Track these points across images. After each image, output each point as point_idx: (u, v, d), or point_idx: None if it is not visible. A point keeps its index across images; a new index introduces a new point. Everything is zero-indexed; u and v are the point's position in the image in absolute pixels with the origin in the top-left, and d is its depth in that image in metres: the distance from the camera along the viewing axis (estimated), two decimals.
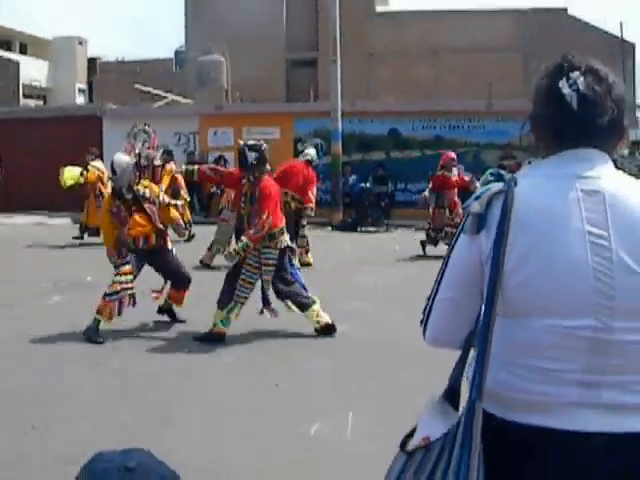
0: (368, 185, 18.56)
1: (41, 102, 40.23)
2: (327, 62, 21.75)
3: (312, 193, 11.64)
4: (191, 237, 13.96)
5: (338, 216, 18.10)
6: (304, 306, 7.42)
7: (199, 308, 7.85)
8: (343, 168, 18.84)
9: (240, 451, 4.69)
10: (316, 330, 7.41)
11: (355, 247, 14.50)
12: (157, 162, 17.96)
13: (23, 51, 43.98)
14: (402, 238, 15.80)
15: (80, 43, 44.58)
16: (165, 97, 26.45)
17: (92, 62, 44.52)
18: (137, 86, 28.15)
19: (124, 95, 30.33)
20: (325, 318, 7.45)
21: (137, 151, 18.08)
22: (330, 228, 17.58)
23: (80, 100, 42.14)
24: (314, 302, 7.45)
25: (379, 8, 33.80)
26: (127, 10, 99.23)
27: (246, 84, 28.14)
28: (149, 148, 18.09)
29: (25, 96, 38.34)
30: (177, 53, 39.90)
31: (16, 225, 18.63)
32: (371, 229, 17.40)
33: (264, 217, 7.05)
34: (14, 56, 40.33)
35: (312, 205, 11.50)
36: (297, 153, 20.50)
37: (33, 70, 40.50)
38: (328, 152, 19.39)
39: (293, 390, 5.85)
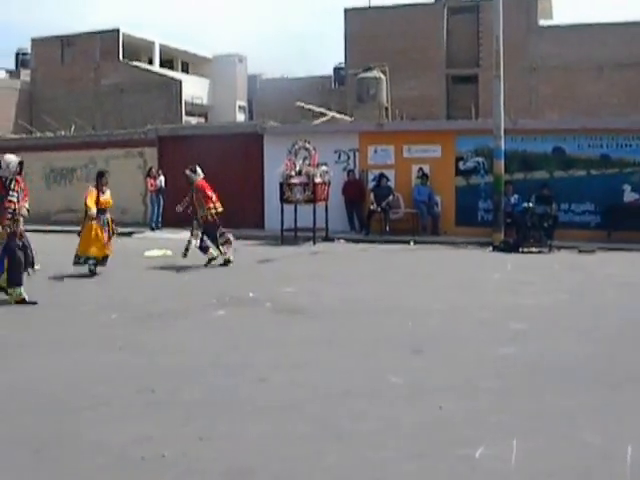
0: (531, 205, 17.88)
1: (202, 119, 41.63)
2: (488, 78, 21.26)
3: None
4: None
5: (499, 236, 17.55)
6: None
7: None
8: (505, 187, 18.26)
9: (405, 470, 4.53)
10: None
11: (517, 268, 13.97)
12: (318, 179, 18.30)
13: (185, 69, 45.81)
14: (565, 260, 15.17)
15: (240, 60, 45.85)
16: (325, 114, 26.66)
17: (252, 79, 45.62)
18: (298, 103, 28.57)
19: (283, 112, 30.91)
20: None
21: (297, 168, 18.50)
22: (491, 248, 17.07)
23: (240, 117, 43.34)
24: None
25: (542, 22, 32.84)
26: (286, 27, 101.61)
27: (406, 101, 28.02)
28: (310, 165, 18.48)
29: (187, 113, 39.82)
30: (336, 70, 40.31)
31: (183, 240, 18.98)
32: (533, 250, 16.74)
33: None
34: (177, 74, 42.06)
35: None
36: (459, 171, 20.18)
37: (195, 88, 42.00)
38: (490, 171, 18.89)
39: (458, 411, 5.64)
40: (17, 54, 45.34)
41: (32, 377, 6.55)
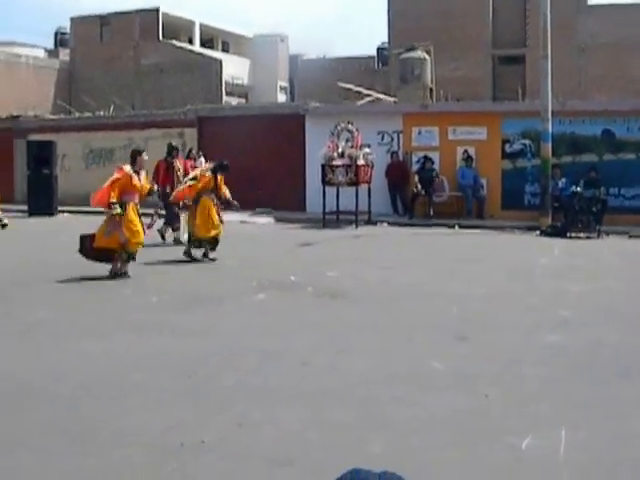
0: (579, 189, 17.48)
1: (243, 100, 41.52)
2: (536, 58, 20.82)
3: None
4: None
5: (546, 220, 17.21)
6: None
7: None
8: (552, 171, 17.88)
9: (449, 459, 4.44)
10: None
11: (564, 253, 13.67)
12: (360, 161, 18.10)
13: (225, 49, 45.61)
14: (614, 246, 14.83)
15: (281, 40, 45.53)
16: (368, 95, 26.38)
17: (293, 59, 45.32)
18: (340, 84, 28.32)
19: (325, 93, 30.69)
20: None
21: (340, 150, 18.30)
22: (538, 233, 16.74)
23: (281, 98, 43.14)
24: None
25: (591, 0, 32.09)
26: (329, 7, 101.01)
27: (451, 82, 27.62)
28: (352, 147, 18.27)
29: (227, 94, 39.70)
30: (380, 50, 39.90)
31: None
32: (581, 235, 16.38)
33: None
34: (217, 54, 41.92)
35: None
36: (505, 154, 19.82)
37: (235, 68, 41.82)
38: (537, 154, 18.53)
39: (503, 399, 5.52)
40: (56, 33, 45.61)
41: (70, 361, 6.53)
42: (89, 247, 10.84)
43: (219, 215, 12.42)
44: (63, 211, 22.09)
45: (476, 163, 19.79)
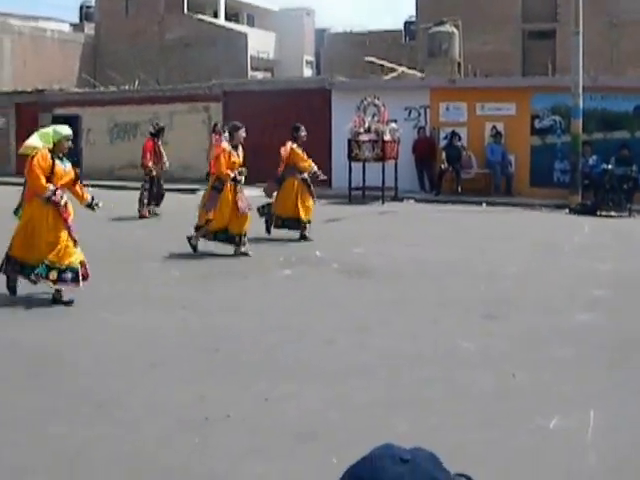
0: (610, 166, 17.15)
1: (269, 74, 41.29)
2: (567, 33, 20.41)
3: None
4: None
5: (576, 198, 16.91)
6: None
7: None
8: (583, 148, 17.56)
9: (476, 439, 4.36)
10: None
11: (594, 232, 13.43)
12: (387, 137, 17.89)
13: (250, 23, 45.28)
14: None
15: (307, 14, 45.15)
16: (395, 69, 26.07)
17: (320, 33, 44.93)
18: (367, 58, 28.01)
19: (352, 67, 30.40)
20: None
21: (366, 125, 18.09)
22: (567, 210, 16.48)
23: (307, 72, 42.85)
24: None
25: None
26: None
27: (479, 56, 27.20)
28: (379, 122, 18.05)
29: (253, 68, 39.47)
30: (407, 24, 39.43)
31: (248, 197, 18.79)
32: (612, 214, 16.09)
33: None
34: (242, 28, 41.63)
35: None
36: (534, 130, 19.49)
37: (261, 42, 41.53)
38: (567, 130, 18.18)
39: (531, 379, 5.44)
40: (81, 7, 45.54)
41: (94, 335, 6.53)
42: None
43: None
44: (87, 185, 22.13)
45: (505, 139, 19.48)
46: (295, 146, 11.81)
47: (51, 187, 7.41)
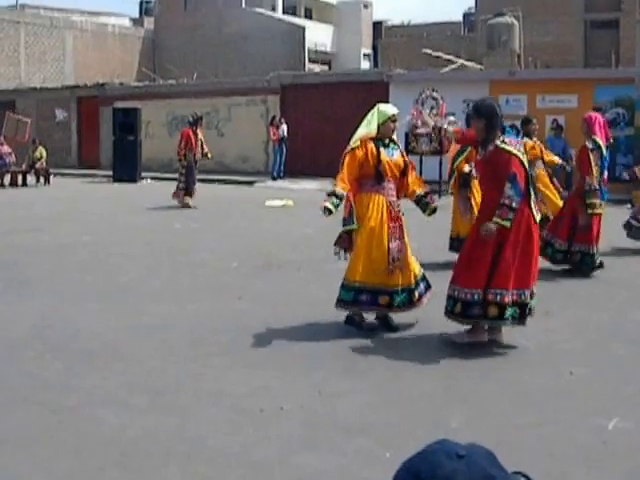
0: None
1: (326, 67, 41.29)
2: (631, 23, 19.95)
3: None
4: None
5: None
6: None
7: None
8: None
9: (530, 437, 4.28)
10: None
11: None
12: (448, 127, 17.69)
13: (308, 16, 45.29)
14: None
15: (365, 6, 45.01)
16: (453, 62, 25.82)
17: (377, 26, 44.79)
18: (425, 50, 27.81)
19: (410, 60, 30.23)
20: None
21: (424, 118, 17.90)
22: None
23: (365, 65, 42.72)
24: None
25: None
26: None
27: (540, 48, 26.78)
28: (437, 115, 17.89)
29: (310, 61, 39.51)
30: (466, 15, 39.07)
31: (305, 191, 18.94)
32: None
33: None
34: (300, 21, 41.67)
35: None
36: None
37: (318, 35, 41.53)
38: (631, 123, 17.79)
39: (591, 378, 5.32)
40: (141, 2, 46.29)
41: (151, 323, 6.59)
42: None
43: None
44: (146, 177, 22.50)
45: (565, 133, 19.13)
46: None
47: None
